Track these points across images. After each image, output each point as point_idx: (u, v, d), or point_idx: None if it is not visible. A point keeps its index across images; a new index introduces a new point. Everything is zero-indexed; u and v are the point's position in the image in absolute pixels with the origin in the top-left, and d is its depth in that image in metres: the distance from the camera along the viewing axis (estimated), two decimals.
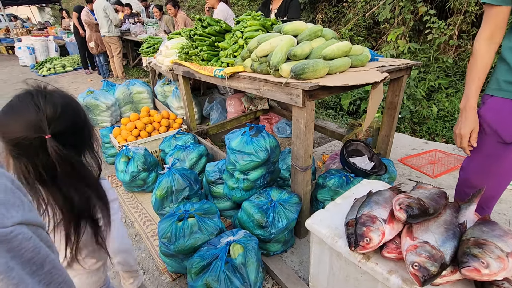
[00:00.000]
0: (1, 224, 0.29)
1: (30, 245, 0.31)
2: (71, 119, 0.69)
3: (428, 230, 0.89)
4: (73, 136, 0.70)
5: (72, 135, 0.69)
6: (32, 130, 0.62)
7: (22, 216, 0.31)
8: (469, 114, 1.13)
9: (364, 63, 1.64)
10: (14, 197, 0.32)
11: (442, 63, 3.98)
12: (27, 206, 0.33)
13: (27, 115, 0.63)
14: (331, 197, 1.65)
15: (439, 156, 2.54)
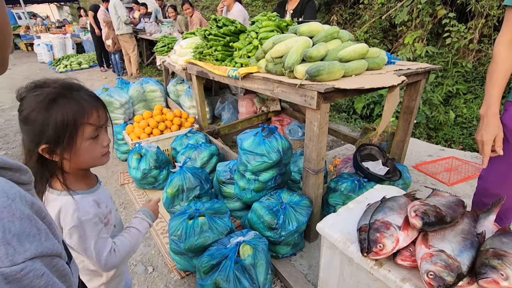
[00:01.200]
0: (11, 262, 0.26)
1: (42, 282, 0.28)
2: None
3: (444, 239, 0.86)
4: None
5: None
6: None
7: (37, 248, 0.28)
8: (491, 120, 1.09)
9: (380, 66, 1.61)
10: (30, 225, 0.28)
11: (461, 67, 3.87)
12: (44, 234, 0.30)
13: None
14: (342, 201, 1.63)
15: (456, 163, 2.46)
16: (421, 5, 4.07)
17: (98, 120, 0.73)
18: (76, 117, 0.68)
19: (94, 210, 0.77)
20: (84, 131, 0.71)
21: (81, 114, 0.69)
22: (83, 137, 0.71)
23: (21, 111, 0.67)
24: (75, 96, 0.70)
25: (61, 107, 0.67)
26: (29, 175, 0.37)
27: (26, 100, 0.66)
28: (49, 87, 0.67)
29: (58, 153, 0.69)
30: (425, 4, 4.02)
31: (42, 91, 0.66)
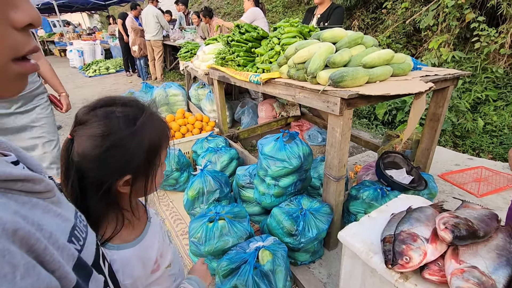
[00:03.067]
0: None
1: None
2: None
3: (477, 254, 0.82)
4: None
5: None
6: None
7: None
8: None
9: (406, 72, 1.57)
10: (1, 262, 0.22)
11: (491, 73, 3.69)
12: (21, 271, 0.24)
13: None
14: (364, 210, 1.59)
15: (486, 173, 2.34)
16: (448, 9, 3.92)
17: (168, 143, 0.66)
18: (161, 139, 0.62)
19: (138, 271, 0.65)
20: (162, 155, 0.63)
21: (165, 136, 0.63)
22: (161, 161, 0.64)
23: (101, 137, 0.53)
24: (156, 116, 0.62)
25: (150, 129, 0.58)
26: (45, 184, 0.34)
27: (107, 124, 0.54)
28: (129, 107, 0.58)
29: (136, 184, 0.59)
30: (452, 8, 3.88)
31: (126, 112, 0.57)
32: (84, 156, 0.54)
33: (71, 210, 0.39)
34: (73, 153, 0.54)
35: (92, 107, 0.56)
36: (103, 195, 0.56)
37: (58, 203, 0.36)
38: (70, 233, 0.35)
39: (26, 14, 0.29)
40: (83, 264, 0.34)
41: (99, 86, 6.60)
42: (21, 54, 0.30)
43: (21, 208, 0.29)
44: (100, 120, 0.54)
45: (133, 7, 6.26)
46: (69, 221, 0.36)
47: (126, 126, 0.55)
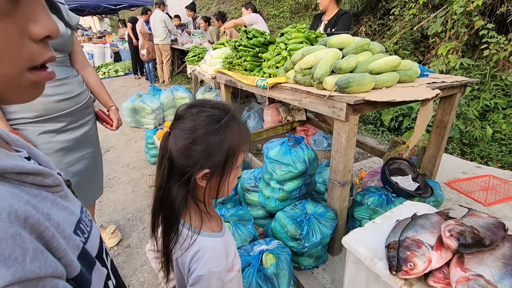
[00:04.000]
0: None
1: None
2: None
3: (482, 263, 0.81)
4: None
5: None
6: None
7: (14, 274, 0.23)
8: None
9: (413, 78, 1.57)
10: (13, 245, 0.24)
11: (501, 81, 3.65)
12: (31, 254, 0.25)
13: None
14: (369, 216, 1.58)
15: (494, 182, 2.31)
16: (457, 16, 3.91)
17: (247, 148, 0.71)
18: (240, 142, 0.65)
19: (224, 262, 0.67)
20: (239, 159, 0.67)
21: (244, 141, 0.66)
22: (236, 165, 0.67)
23: (189, 131, 0.61)
24: (238, 121, 0.67)
25: (232, 131, 0.64)
26: (54, 178, 0.36)
27: (196, 120, 0.62)
28: (217, 109, 0.65)
29: (212, 180, 0.65)
30: (460, 15, 3.87)
31: (213, 112, 0.63)
32: (175, 146, 0.62)
33: (77, 205, 0.41)
34: (169, 143, 0.62)
35: (189, 105, 0.65)
36: (184, 183, 0.63)
37: (65, 197, 0.38)
38: (75, 225, 0.36)
39: (44, 27, 0.31)
40: (87, 255, 0.35)
41: (108, 88, 6.65)
42: (36, 63, 0.32)
43: (32, 199, 0.31)
44: (191, 116, 0.62)
45: (144, 12, 6.41)
46: (75, 214, 0.38)
47: (211, 124, 0.61)
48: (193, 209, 0.68)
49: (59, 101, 1.32)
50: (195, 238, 0.66)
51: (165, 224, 0.68)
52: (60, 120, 1.34)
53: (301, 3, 7.99)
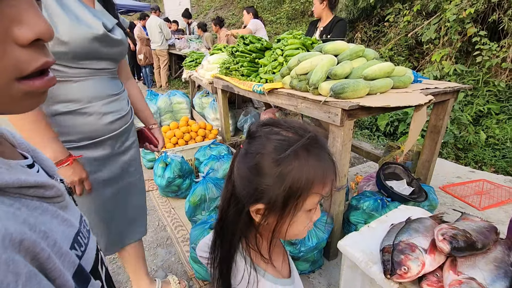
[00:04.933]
0: None
1: None
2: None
3: (475, 266, 0.83)
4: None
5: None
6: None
7: None
8: None
9: (406, 84, 1.60)
10: (5, 271, 0.23)
11: (493, 86, 3.72)
12: (23, 279, 0.24)
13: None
14: (364, 220, 1.59)
15: (488, 187, 2.33)
16: (450, 23, 3.99)
17: (328, 191, 0.54)
18: (313, 182, 0.50)
19: None
20: (308, 201, 0.52)
21: (319, 180, 0.51)
22: (304, 208, 0.53)
23: (252, 155, 0.51)
24: (319, 151, 0.52)
25: (302, 163, 0.49)
26: (56, 189, 0.35)
27: (263, 143, 0.51)
28: (292, 132, 0.52)
29: (269, 217, 0.53)
30: (453, 22, 3.95)
31: (285, 137, 0.51)
32: (237, 168, 0.54)
33: (76, 215, 0.40)
34: (236, 162, 0.56)
35: (263, 123, 0.55)
36: (238, 211, 0.55)
37: (65, 207, 0.38)
38: (73, 239, 0.36)
39: (31, 29, 0.27)
40: (83, 272, 0.35)
41: None
42: (26, 73, 0.28)
43: (31, 215, 0.30)
44: (259, 138, 0.52)
45: (142, 17, 6.45)
46: (74, 226, 0.37)
47: (278, 151, 0.50)
48: (252, 242, 0.59)
49: (111, 122, 1.04)
50: (255, 279, 0.55)
51: (223, 249, 0.59)
52: (108, 144, 1.06)
53: (298, 10, 8.09)
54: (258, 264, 0.58)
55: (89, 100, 0.97)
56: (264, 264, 0.58)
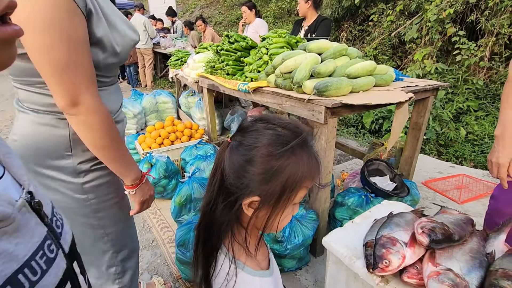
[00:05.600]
0: None
1: None
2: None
3: (452, 257, 0.85)
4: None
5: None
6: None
7: None
8: (508, 142, 1.07)
9: (388, 82, 1.63)
10: None
11: (472, 84, 3.85)
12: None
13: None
14: (349, 216, 1.62)
15: (467, 181, 2.42)
16: (431, 23, 4.11)
17: (311, 185, 0.59)
18: (305, 176, 0.54)
19: None
20: (299, 195, 0.56)
21: (310, 176, 0.55)
22: (294, 201, 0.56)
23: (248, 147, 0.52)
24: (310, 149, 0.56)
25: (298, 160, 0.53)
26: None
27: (259, 136, 0.53)
28: (287, 129, 0.55)
29: (261, 211, 0.55)
30: (434, 22, 4.07)
31: (282, 132, 0.54)
32: (229, 160, 0.54)
33: (34, 240, 0.33)
34: (225, 155, 0.55)
35: (256, 118, 0.57)
36: (229, 205, 0.55)
37: (12, 233, 0.30)
38: (16, 271, 0.29)
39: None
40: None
41: None
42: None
43: None
44: (255, 131, 0.54)
45: (126, 15, 6.30)
46: (15, 260, 0.29)
47: (275, 145, 0.52)
48: (238, 237, 0.60)
49: (123, 130, 1.01)
50: (235, 271, 0.56)
51: (206, 247, 0.60)
52: None
53: (284, 9, 8.12)
54: (238, 258, 0.58)
55: (118, 108, 0.92)
56: (244, 257, 0.59)
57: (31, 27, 0.60)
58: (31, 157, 0.77)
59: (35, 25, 0.61)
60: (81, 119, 0.70)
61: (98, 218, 0.89)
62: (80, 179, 0.82)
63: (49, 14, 0.61)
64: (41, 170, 0.78)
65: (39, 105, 0.74)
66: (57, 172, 0.79)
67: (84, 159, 0.81)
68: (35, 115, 0.75)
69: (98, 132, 0.72)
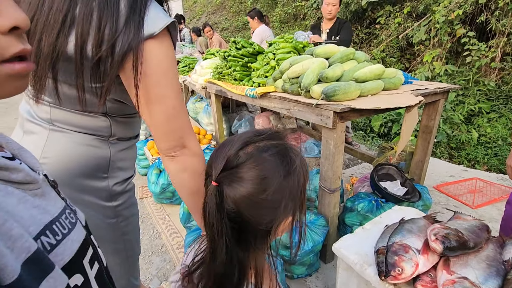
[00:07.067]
0: None
1: None
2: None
3: (467, 265, 0.83)
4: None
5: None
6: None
7: None
8: None
9: (397, 86, 1.61)
10: None
11: (483, 86, 3.78)
12: None
13: None
14: (359, 221, 1.60)
15: (480, 185, 2.36)
16: (439, 25, 4.06)
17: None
18: (305, 173, 0.54)
19: None
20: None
21: (305, 167, 0.55)
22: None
23: (259, 180, 0.48)
24: (294, 148, 0.55)
25: (299, 163, 0.53)
26: (24, 174, 0.34)
27: (258, 164, 0.49)
28: (272, 140, 0.53)
29: (290, 224, 0.54)
30: (443, 24, 4.02)
31: (275, 148, 0.51)
32: (243, 205, 0.48)
33: (57, 205, 0.39)
34: (226, 202, 0.49)
35: (240, 146, 0.50)
36: (260, 237, 0.52)
37: (41, 195, 0.37)
38: (45, 226, 0.34)
39: (9, 18, 0.30)
40: (42, 260, 0.32)
41: None
42: (5, 57, 0.31)
43: None
44: (251, 161, 0.49)
45: None
46: (49, 214, 0.36)
47: (283, 164, 0.50)
48: (253, 268, 0.56)
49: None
50: None
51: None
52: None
53: (290, 13, 8.15)
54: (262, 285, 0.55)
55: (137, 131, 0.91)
56: (265, 283, 0.57)
57: (152, 82, 0.62)
58: (65, 178, 0.72)
59: (158, 81, 0.63)
60: (187, 161, 0.70)
61: (124, 240, 0.89)
62: (113, 202, 0.81)
63: (170, 64, 0.64)
64: (74, 194, 0.73)
65: (79, 127, 0.72)
66: (90, 196, 0.76)
67: (119, 181, 0.81)
68: (75, 134, 0.72)
69: (200, 174, 0.65)
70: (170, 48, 0.66)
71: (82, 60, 0.60)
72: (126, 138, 0.83)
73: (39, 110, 0.72)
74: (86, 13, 0.57)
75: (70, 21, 0.58)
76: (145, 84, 0.62)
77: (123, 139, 0.81)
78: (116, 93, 0.69)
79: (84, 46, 0.59)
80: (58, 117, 0.71)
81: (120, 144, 0.80)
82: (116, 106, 0.74)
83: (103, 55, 0.59)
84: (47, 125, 0.72)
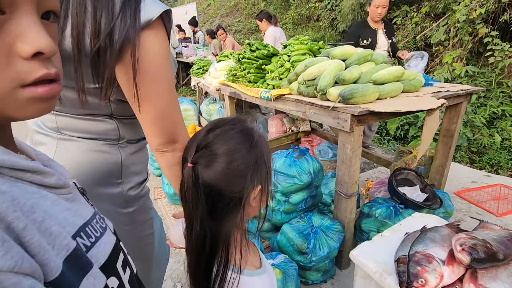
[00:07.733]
0: None
1: None
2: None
3: (497, 278, 0.78)
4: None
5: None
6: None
7: None
8: None
9: (417, 88, 1.56)
10: None
11: (507, 88, 3.61)
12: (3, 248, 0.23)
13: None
14: (377, 228, 1.55)
15: (505, 191, 2.25)
16: (460, 24, 3.92)
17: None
18: (267, 147, 0.61)
19: None
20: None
21: (266, 143, 0.62)
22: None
23: (228, 153, 0.54)
24: (257, 130, 0.63)
25: (261, 140, 0.59)
26: (56, 178, 0.35)
27: (225, 141, 0.55)
28: (237, 123, 0.59)
29: (261, 196, 0.59)
30: (464, 23, 3.88)
31: (238, 127, 0.58)
32: (217, 177, 0.54)
33: (88, 211, 0.40)
34: (201, 179, 0.54)
35: (208, 129, 0.57)
36: (234, 209, 0.56)
37: (72, 200, 0.38)
38: (79, 228, 0.35)
39: (32, 44, 0.30)
40: (81, 258, 0.32)
41: None
42: (26, 82, 0.31)
43: (22, 194, 0.29)
44: (219, 139, 0.55)
45: None
46: (81, 217, 0.37)
47: (247, 139, 0.57)
48: (237, 241, 0.60)
49: None
50: (238, 279, 0.56)
51: (210, 272, 0.57)
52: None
53: (304, 15, 8.11)
54: (238, 264, 0.58)
55: None
56: (244, 261, 0.59)
57: (148, 78, 0.62)
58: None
59: (153, 76, 0.62)
60: (177, 156, 0.69)
61: (139, 248, 0.87)
62: (129, 209, 0.80)
63: (164, 59, 0.63)
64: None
65: (87, 132, 0.71)
66: (106, 203, 0.75)
67: (133, 185, 0.80)
68: (84, 141, 0.71)
69: None
70: (165, 40, 0.64)
71: (80, 55, 0.58)
72: (135, 140, 0.82)
73: (46, 120, 0.72)
74: (80, 3, 0.56)
75: (64, 14, 0.56)
76: (139, 79, 0.61)
77: (132, 141, 0.80)
78: (119, 92, 0.67)
79: (81, 39, 0.57)
80: (64, 124, 0.71)
81: (130, 147, 0.79)
82: (121, 107, 0.72)
83: (102, 46, 0.56)
84: (55, 135, 0.72)
